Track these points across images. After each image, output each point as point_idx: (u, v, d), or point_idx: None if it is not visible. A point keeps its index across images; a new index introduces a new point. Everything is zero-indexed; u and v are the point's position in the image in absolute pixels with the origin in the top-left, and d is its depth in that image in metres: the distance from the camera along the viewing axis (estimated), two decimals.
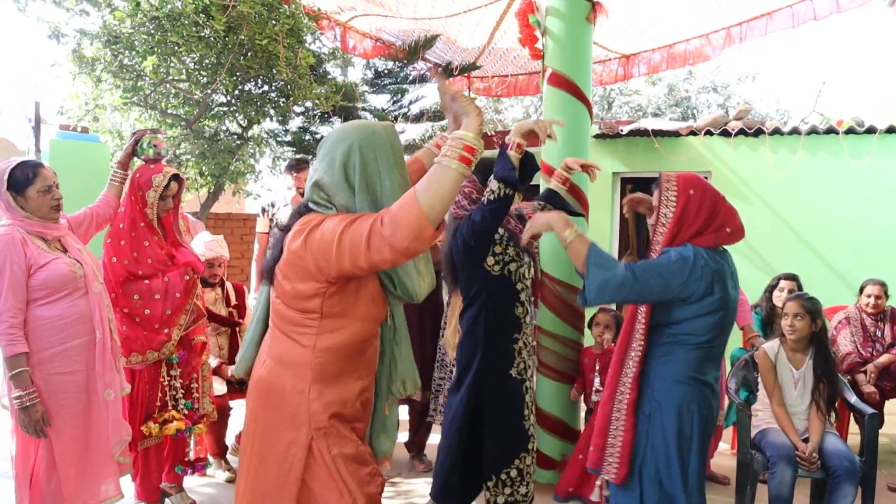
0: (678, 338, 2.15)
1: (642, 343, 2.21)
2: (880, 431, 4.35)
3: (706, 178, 6.89)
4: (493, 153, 2.52)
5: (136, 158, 2.96)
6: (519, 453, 2.77)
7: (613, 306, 3.96)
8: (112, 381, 2.55)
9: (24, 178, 2.39)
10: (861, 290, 4.47)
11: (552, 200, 2.96)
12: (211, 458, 3.75)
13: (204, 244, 3.61)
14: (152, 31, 4.71)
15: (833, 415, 3.19)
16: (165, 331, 2.85)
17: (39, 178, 2.41)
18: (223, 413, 3.64)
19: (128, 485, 2.81)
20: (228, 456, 3.81)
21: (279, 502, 1.73)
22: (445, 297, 3.64)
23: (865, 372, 4.23)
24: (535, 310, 2.74)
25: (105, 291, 2.63)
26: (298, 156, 6.52)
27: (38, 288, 2.37)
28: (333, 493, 1.71)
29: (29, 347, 2.34)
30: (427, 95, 7.86)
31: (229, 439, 3.85)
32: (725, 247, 2.24)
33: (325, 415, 1.71)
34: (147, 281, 2.81)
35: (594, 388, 3.60)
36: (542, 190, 3.97)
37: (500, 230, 2.74)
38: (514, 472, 2.76)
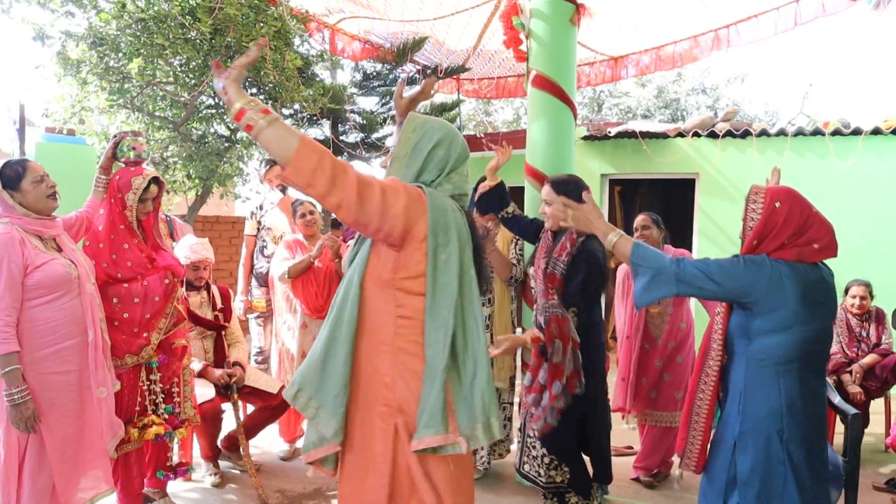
0: (762, 360, 2.03)
1: (720, 353, 2.17)
2: (866, 431, 4.37)
3: (694, 179, 6.97)
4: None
5: (117, 161, 2.95)
6: None
7: None
8: (104, 379, 2.62)
9: (14, 174, 2.47)
10: (846, 290, 4.50)
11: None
12: (203, 461, 3.73)
13: (189, 247, 3.59)
14: (138, 33, 4.68)
15: None
16: (144, 335, 2.83)
17: (30, 171, 2.50)
18: (216, 416, 3.62)
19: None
20: (220, 460, 3.79)
21: None
22: None
23: (851, 372, 4.26)
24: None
25: (97, 292, 2.67)
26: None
27: (33, 287, 2.43)
28: None
29: (23, 347, 2.40)
30: None
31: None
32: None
33: None
34: (126, 284, 2.79)
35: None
36: (525, 192, 3.99)
37: None
38: None
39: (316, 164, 1.62)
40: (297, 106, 5.98)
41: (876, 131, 6.10)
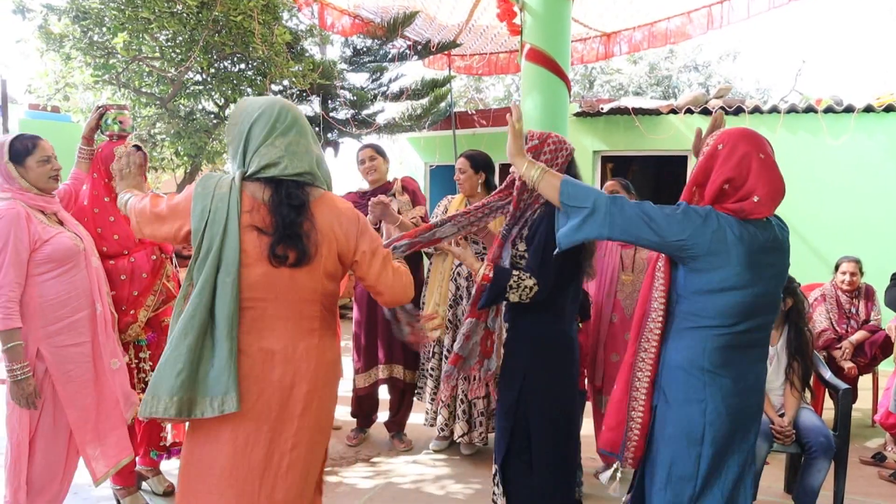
0: (690, 318, 1.84)
1: (662, 314, 1.90)
2: (854, 406, 4.43)
3: (686, 156, 6.95)
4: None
5: (101, 134, 2.89)
6: None
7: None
8: (115, 351, 2.66)
9: (23, 148, 2.47)
10: (836, 267, 4.52)
11: None
12: None
13: None
14: (123, 7, 4.58)
15: (809, 394, 3.23)
16: (132, 312, 2.81)
17: (39, 149, 2.50)
18: None
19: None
20: None
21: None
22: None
23: (841, 348, 4.30)
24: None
25: (101, 265, 2.66)
26: None
27: (43, 262, 2.42)
28: None
29: (36, 322, 2.41)
30: (407, 74, 7.78)
31: None
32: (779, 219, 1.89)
33: None
34: (112, 261, 2.77)
35: None
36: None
37: None
38: None
39: None
40: (286, 81, 5.90)
41: (868, 109, 6.09)
